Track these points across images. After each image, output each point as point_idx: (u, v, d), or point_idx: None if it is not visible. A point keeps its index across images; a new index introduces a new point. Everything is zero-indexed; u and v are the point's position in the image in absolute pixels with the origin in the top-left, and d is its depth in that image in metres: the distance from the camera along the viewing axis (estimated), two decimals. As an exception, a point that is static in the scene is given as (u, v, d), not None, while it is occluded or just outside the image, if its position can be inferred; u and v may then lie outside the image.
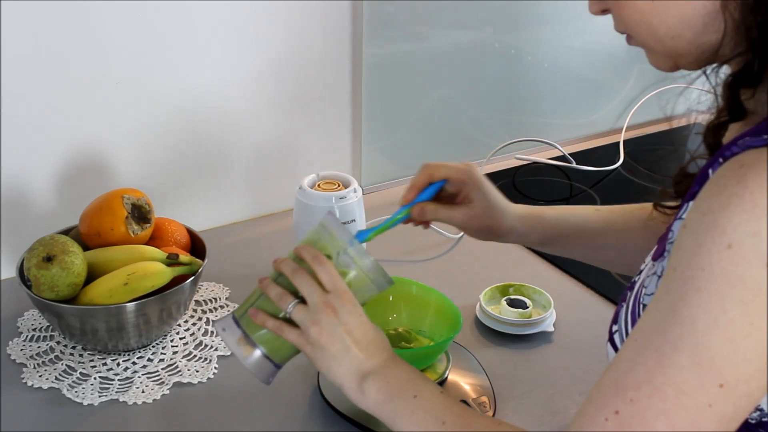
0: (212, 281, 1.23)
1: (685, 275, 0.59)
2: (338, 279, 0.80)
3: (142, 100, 1.26)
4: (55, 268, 0.99)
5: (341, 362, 0.78)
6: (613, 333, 0.76)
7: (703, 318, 0.58)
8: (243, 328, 0.83)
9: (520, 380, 1.05)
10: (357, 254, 0.82)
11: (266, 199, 1.44)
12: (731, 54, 0.64)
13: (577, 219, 1.01)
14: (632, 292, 0.75)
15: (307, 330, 0.78)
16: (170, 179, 1.33)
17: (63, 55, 1.17)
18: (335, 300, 0.79)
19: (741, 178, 0.58)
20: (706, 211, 0.59)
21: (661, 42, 0.68)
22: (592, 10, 0.72)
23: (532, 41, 1.65)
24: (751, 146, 0.60)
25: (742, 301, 0.57)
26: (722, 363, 0.58)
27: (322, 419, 0.97)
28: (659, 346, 0.60)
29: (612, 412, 0.62)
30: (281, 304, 0.80)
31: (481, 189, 0.97)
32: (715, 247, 0.57)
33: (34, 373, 1.03)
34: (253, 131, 1.39)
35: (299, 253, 0.82)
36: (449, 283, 1.19)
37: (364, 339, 0.79)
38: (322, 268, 0.80)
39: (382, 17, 1.43)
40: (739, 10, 0.61)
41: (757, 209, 0.56)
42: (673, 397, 0.59)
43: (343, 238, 0.82)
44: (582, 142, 1.78)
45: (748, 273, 0.56)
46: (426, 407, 0.76)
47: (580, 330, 1.14)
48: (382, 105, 1.49)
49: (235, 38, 1.31)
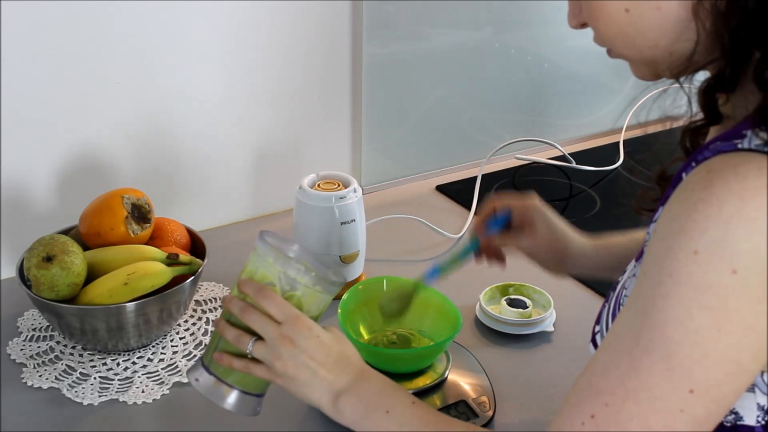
0: (212, 281, 1.23)
1: (654, 280, 0.60)
2: (287, 306, 0.80)
3: (142, 100, 1.26)
4: (55, 268, 0.99)
5: (313, 388, 0.79)
6: (595, 333, 0.77)
7: (672, 324, 0.58)
8: (214, 373, 0.83)
9: (520, 380, 1.05)
10: (297, 274, 0.81)
11: (266, 199, 1.44)
12: (704, 61, 0.64)
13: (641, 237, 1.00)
14: (614, 292, 0.75)
15: (272, 365, 0.79)
16: (170, 179, 1.33)
17: (63, 55, 1.17)
18: (289, 330, 0.79)
19: (708, 183, 0.58)
20: (674, 217, 0.59)
21: (639, 52, 0.68)
22: (571, 25, 0.72)
23: (532, 41, 1.65)
24: (721, 151, 0.60)
25: (708, 308, 0.57)
26: (692, 368, 0.58)
27: (322, 419, 0.97)
28: (631, 350, 0.61)
29: (588, 416, 0.62)
30: (240, 346, 0.80)
31: (542, 213, 0.99)
32: (682, 253, 0.58)
33: (34, 373, 1.03)
34: (253, 131, 1.39)
35: (243, 290, 0.82)
36: (449, 283, 1.19)
37: (329, 359, 0.79)
38: (268, 301, 0.80)
39: (382, 17, 1.43)
40: (710, 17, 0.61)
41: (723, 215, 0.56)
42: (645, 401, 0.60)
43: (278, 263, 0.81)
44: (582, 142, 1.78)
45: (715, 279, 0.56)
46: (399, 421, 0.76)
47: (580, 330, 1.13)
48: (382, 105, 1.49)
49: (235, 38, 1.31)
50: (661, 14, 0.64)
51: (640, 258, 0.70)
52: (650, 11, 0.64)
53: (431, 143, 1.60)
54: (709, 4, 0.61)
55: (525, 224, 1.00)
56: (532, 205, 1.00)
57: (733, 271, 0.56)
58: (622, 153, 1.69)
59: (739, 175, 0.57)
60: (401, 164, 1.57)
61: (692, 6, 0.62)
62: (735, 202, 0.56)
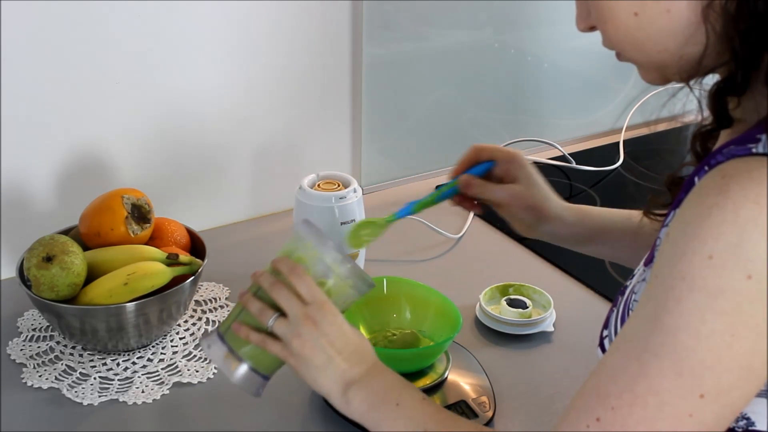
0: (212, 281, 1.23)
1: (666, 284, 0.59)
2: (316, 290, 0.80)
3: (142, 100, 1.26)
4: (55, 268, 0.99)
5: (325, 373, 0.79)
6: (603, 338, 0.76)
7: (684, 328, 0.58)
8: (228, 343, 0.83)
9: (520, 380, 1.05)
10: (334, 262, 0.82)
11: (266, 199, 1.44)
12: (714, 64, 0.64)
13: (623, 217, 1.00)
14: (623, 297, 0.75)
15: (290, 343, 0.79)
16: (170, 179, 1.33)
17: (63, 55, 1.17)
18: (315, 311, 0.79)
19: (723, 188, 0.57)
20: (689, 221, 0.59)
21: (647, 56, 0.67)
22: (580, 27, 0.72)
23: (532, 41, 1.65)
24: (735, 155, 0.59)
25: (722, 313, 0.56)
26: (703, 373, 0.58)
27: (322, 419, 0.97)
28: (640, 355, 0.60)
29: (593, 419, 0.62)
30: (262, 319, 0.80)
31: (526, 169, 0.98)
32: (696, 257, 0.57)
33: (34, 373, 1.03)
34: (253, 131, 1.39)
35: (276, 266, 0.82)
36: (449, 283, 1.19)
37: (347, 348, 0.79)
38: (300, 280, 0.80)
39: (382, 17, 1.43)
40: (720, 20, 0.61)
41: (738, 220, 0.56)
42: (653, 406, 0.59)
43: (318, 248, 0.82)
44: (582, 142, 1.78)
45: (729, 284, 0.56)
46: (408, 415, 0.76)
47: (580, 330, 1.14)
48: (382, 105, 1.49)
49: (235, 38, 1.31)
50: (671, 17, 0.63)
51: (650, 263, 0.70)
52: (659, 14, 0.64)
53: (431, 143, 1.60)
54: (719, 6, 0.61)
55: (507, 177, 0.98)
56: (516, 159, 0.98)
57: (748, 276, 0.56)
58: (622, 153, 1.69)
59: (755, 179, 0.57)
60: (401, 164, 1.57)
61: (702, 9, 0.62)
62: (751, 207, 0.56)
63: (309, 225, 0.84)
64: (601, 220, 1.01)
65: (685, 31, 0.63)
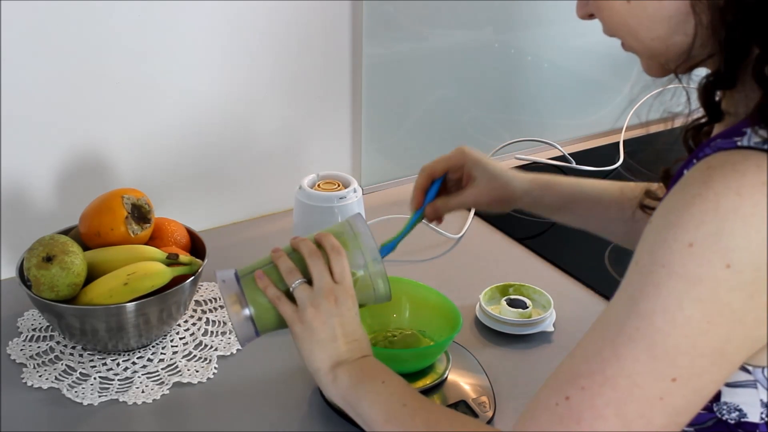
0: (212, 281, 1.23)
1: (646, 269, 0.60)
2: (348, 274, 0.83)
3: (142, 100, 1.26)
4: (55, 268, 0.99)
5: (324, 348, 0.81)
6: None
7: (661, 314, 0.58)
8: (241, 286, 0.85)
9: (520, 380, 1.05)
10: (372, 259, 0.86)
11: (266, 199, 1.44)
12: (702, 56, 0.65)
13: (593, 187, 1.03)
14: None
15: (304, 309, 0.81)
16: (170, 179, 1.33)
17: (63, 55, 1.17)
18: (340, 292, 0.82)
19: (706, 179, 0.58)
20: (671, 209, 0.60)
21: (643, 44, 0.68)
22: (579, 14, 0.73)
23: (532, 41, 1.65)
24: (721, 148, 0.60)
25: (700, 300, 0.57)
26: (677, 358, 0.58)
27: (322, 419, 0.97)
28: (615, 337, 0.61)
29: (563, 398, 0.62)
30: (288, 278, 0.83)
31: (478, 164, 1.00)
32: (677, 244, 0.58)
33: (34, 373, 1.03)
34: (253, 131, 1.39)
35: (320, 239, 0.85)
36: (449, 283, 1.19)
37: (352, 336, 0.82)
38: (338, 260, 0.83)
39: (382, 17, 1.43)
40: (707, 11, 0.62)
41: (720, 210, 0.57)
42: (624, 388, 0.60)
43: (364, 240, 0.86)
44: (582, 142, 1.78)
45: (708, 272, 0.57)
46: (391, 391, 0.78)
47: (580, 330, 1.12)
48: (382, 105, 1.49)
49: (235, 38, 1.31)
50: (661, 6, 0.64)
51: None
52: (650, 2, 0.65)
53: (431, 143, 1.59)
54: None
55: (465, 180, 1.01)
56: (466, 159, 1.00)
57: (726, 265, 0.56)
58: (622, 153, 1.69)
59: (738, 171, 0.57)
60: (401, 164, 1.57)
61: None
62: (733, 198, 0.56)
63: (362, 219, 0.88)
64: (570, 189, 1.03)
65: (674, 20, 0.64)
